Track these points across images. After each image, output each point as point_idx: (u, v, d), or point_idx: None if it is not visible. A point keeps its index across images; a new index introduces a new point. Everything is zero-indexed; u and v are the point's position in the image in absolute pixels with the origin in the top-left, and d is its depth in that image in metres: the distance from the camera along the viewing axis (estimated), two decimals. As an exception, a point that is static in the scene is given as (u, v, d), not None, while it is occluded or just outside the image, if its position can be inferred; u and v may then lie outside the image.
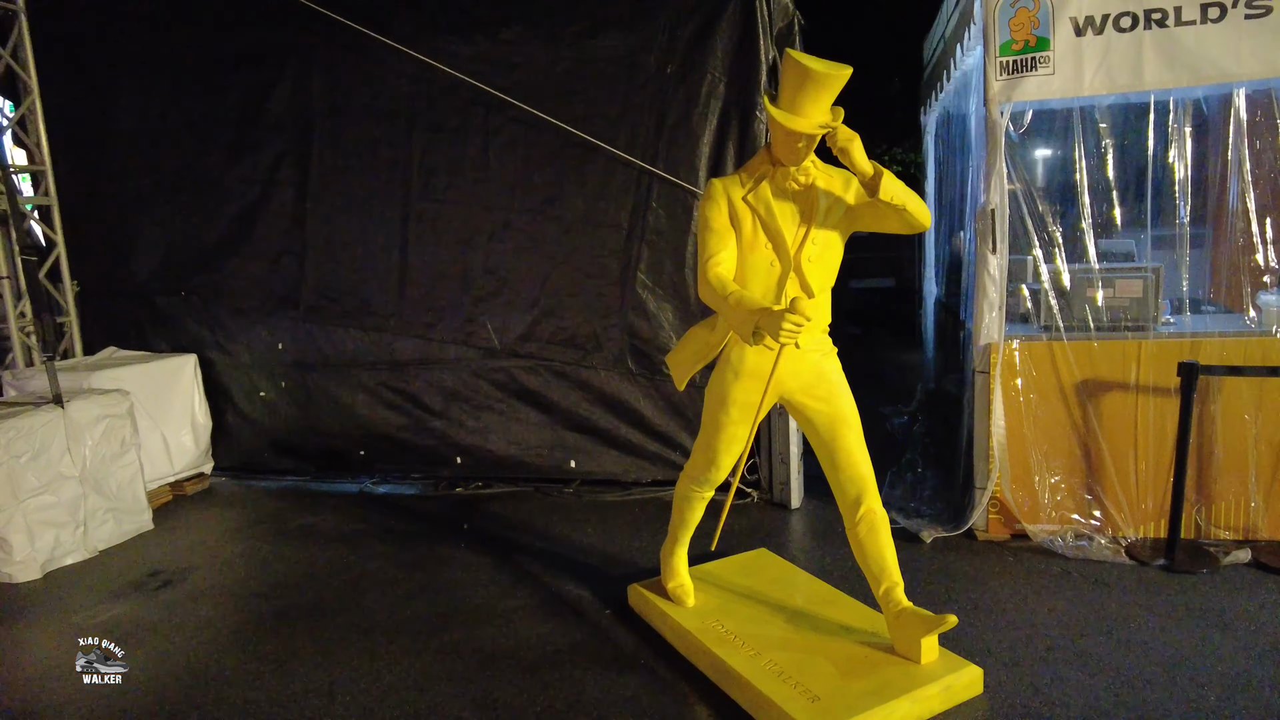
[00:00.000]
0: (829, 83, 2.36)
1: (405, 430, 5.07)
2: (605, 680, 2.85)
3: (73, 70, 5.18)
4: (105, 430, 4.25)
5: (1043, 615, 3.14)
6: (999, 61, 3.63)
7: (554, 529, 4.30)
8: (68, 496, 4.05)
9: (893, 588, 2.74)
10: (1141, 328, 3.67)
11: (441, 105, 4.67)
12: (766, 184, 2.60)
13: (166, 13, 5.01)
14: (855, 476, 2.72)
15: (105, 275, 5.36)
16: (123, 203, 5.23)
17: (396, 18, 4.61)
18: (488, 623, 3.31)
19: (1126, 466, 3.71)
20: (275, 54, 4.86)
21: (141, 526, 4.45)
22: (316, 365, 5.16)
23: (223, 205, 5.10)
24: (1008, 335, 3.76)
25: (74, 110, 5.23)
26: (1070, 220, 3.70)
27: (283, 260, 5.11)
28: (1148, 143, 3.58)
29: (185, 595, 3.68)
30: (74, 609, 3.60)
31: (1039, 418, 3.75)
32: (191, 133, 5.05)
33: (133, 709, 2.80)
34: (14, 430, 3.85)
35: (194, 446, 5.13)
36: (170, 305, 5.27)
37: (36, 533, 3.92)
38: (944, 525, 3.95)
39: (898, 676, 2.62)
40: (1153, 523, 3.71)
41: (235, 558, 4.11)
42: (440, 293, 4.87)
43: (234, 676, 2.98)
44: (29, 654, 3.26)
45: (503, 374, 4.85)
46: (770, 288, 2.61)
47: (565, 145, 4.50)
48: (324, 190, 4.97)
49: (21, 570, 3.88)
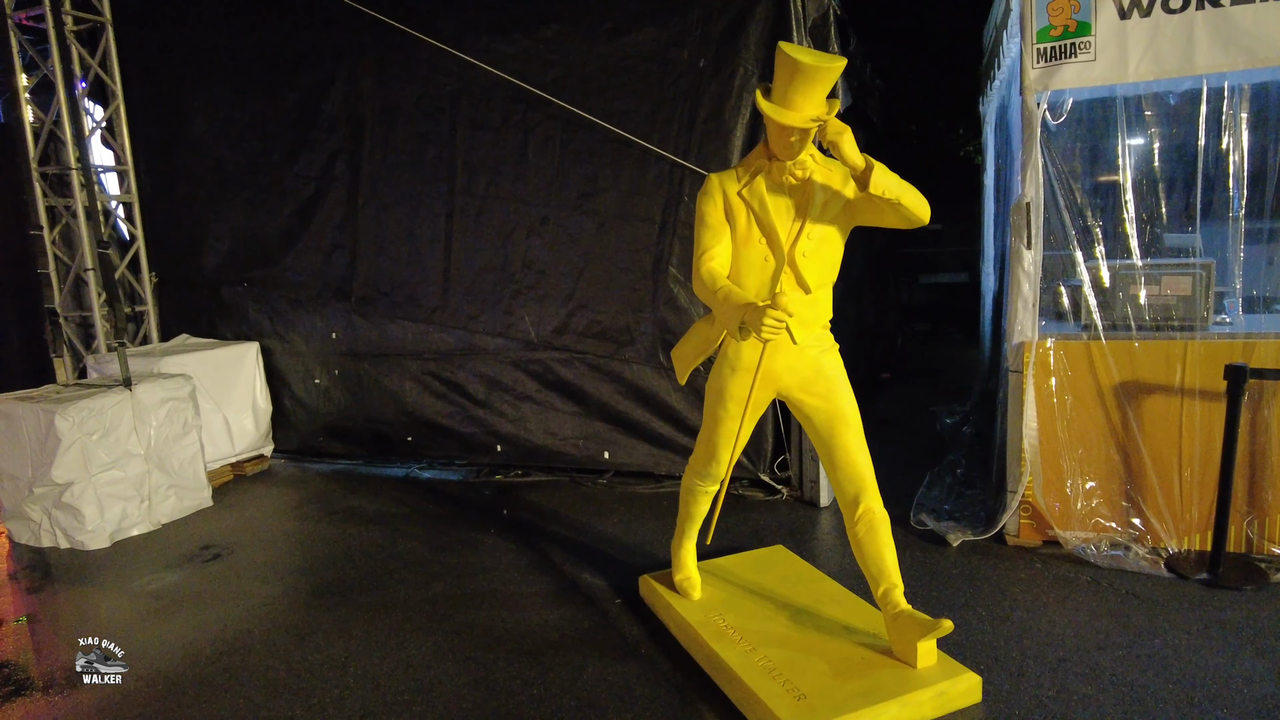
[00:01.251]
0: (820, 75, 2.33)
1: (450, 418, 5.24)
2: (603, 668, 2.90)
3: (152, 76, 5.56)
4: (169, 412, 4.57)
5: (1062, 625, 3.02)
6: (1036, 48, 3.48)
7: (582, 518, 4.37)
8: (134, 473, 4.37)
9: (891, 589, 2.69)
10: (1190, 327, 3.46)
11: (483, 103, 4.80)
12: (762, 178, 2.58)
13: (234, 20, 5.31)
14: (854, 475, 2.68)
15: (179, 267, 5.73)
16: (193, 199, 5.58)
17: (441, 18, 4.76)
18: (501, 606, 3.41)
19: (1170, 474, 3.51)
20: (329, 56, 5.08)
21: (201, 503, 4.76)
22: (367, 354, 5.39)
23: (282, 201, 5.37)
24: (1043, 333, 3.62)
25: (153, 113, 5.61)
26: (1112, 214, 3.52)
27: (336, 254, 5.36)
28: (1199, 131, 3.36)
29: (230, 568, 3.93)
30: (133, 575, 3.89)
31: (1074, 420, 3.59)
32: (254, 133, 5.34)
33: (166, 669, 3.02)
34: (86, 410, 4.18)
35: (254, 429, 5.44)
36: (234, 295, 5.60)
37: (105, 505, 4.25)
38: (974, 529, 3.83)
39: (890, 680, 2.57)
40: (1198, 534, 3.50)
41: (280, 536, 4.35)
42: (482, 286, 5.01)
43: (258, 645, 3.17)
44: (93, 613, 3.55)
45: (540, 365, 4.96)
46: (765, 283, 2.60)
47: (601, 141, 4.55)
48: (374, 187, 5.18)
49: (92, 538, 4.21)
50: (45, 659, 3.15)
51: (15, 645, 3.28)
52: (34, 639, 3.33)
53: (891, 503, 4.25)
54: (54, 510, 4.20)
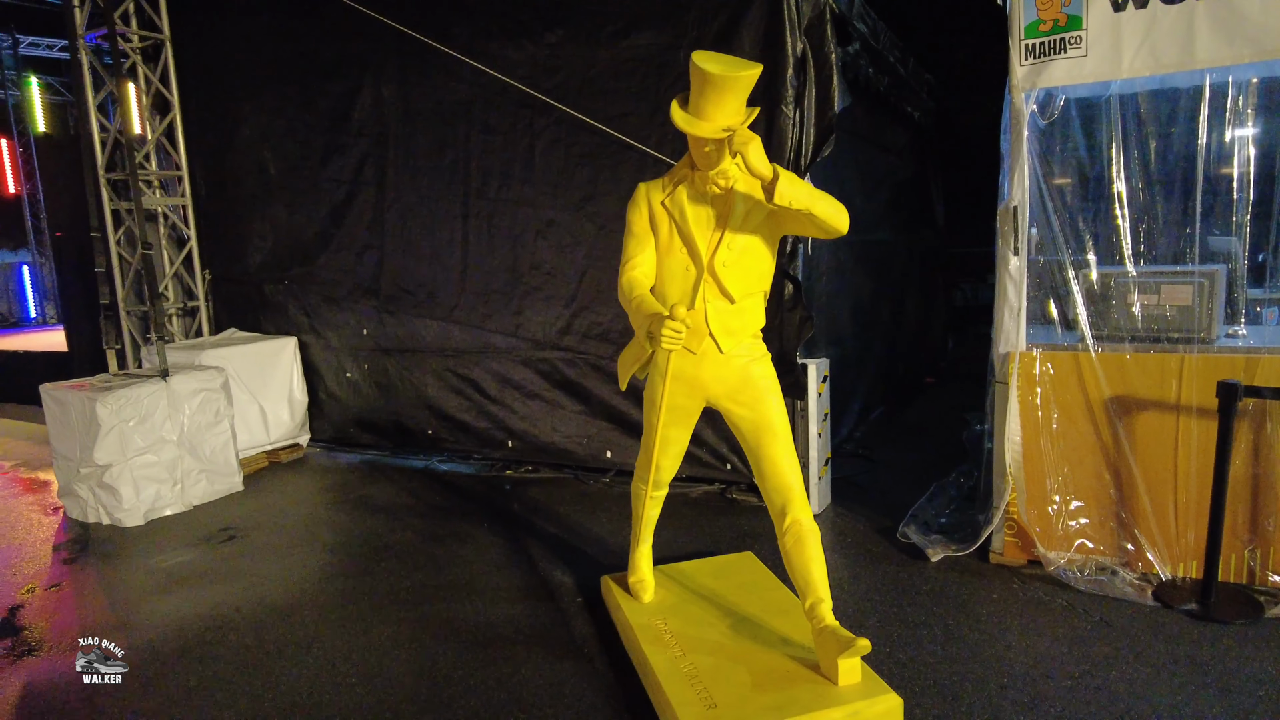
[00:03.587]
0: (730, 85, 2.32)
1: (466, 412, 5.42)
2: (543, 664, 2.98)
3: (205, 88, 5.96)
4: (202, 401, 4.92)
5: (1017, 650, 2.89)
6: (1023, 44, 3.33)
7: (574, 516, 4.46)
8: (167, 457, 4.73)
9: (818, 603, 2.64)
10: (1188, 339, 3.24)
11: (494, 109, 4.93)
12: (684, 188, 2.58)
13: (275, 34, 5.63)
14: (780, 486, 2.65)
15: (228, 265, 6.14)
16: (240, 202, 5.96)
17: (455, 25, 4.91)
18: (468, 599, 3.53)
19: (1164, 496, 3.29)
20: (356, 65, 5.33)
21: (232, 487, 5.10)
22: (393, 350, 5.64)
23: (316, 204, 5.68)
24: (1030, 343, 3.45)
25: (205, 122, 6.02)
26: (1105, 218, 3.32)
27: (366, 254, 5.62)
28: (1199, 129, 3.13)
29: (239, 550, 4.21)
30: (155, 552, 4.23)
31: (1061, 435, 3.42)
32: (292, 139, 5.66)
33: (154, 639, 3.28)
34: (124, 398, 4.56)
35: (289, 419, 5.78)
36: (275, 292, 5.96)
37: (141, 486, 4.62)
38: (956, 544, 3.70)
39: (806, 695, 2.53)
40: (1194, 561, 3.27)
41: (293, 521, 4.62)
42: (494, 286, 5.16)
43: (241, 623, 3.40)
44: (110, 585, 3.88)
45: (547, 365, 5.07)
46: (686, 292, 2.60)
47: (602, 144, 4.61)
48: (399, 190, 5.40)
49: (129, 516, 4.60)
50: (55, 625, 3.48)
51: (35, 611, 3.63)
52: (53, 606, 3.68)
53: (893, 513, 4.19)
54: (97, 489, 4.61)
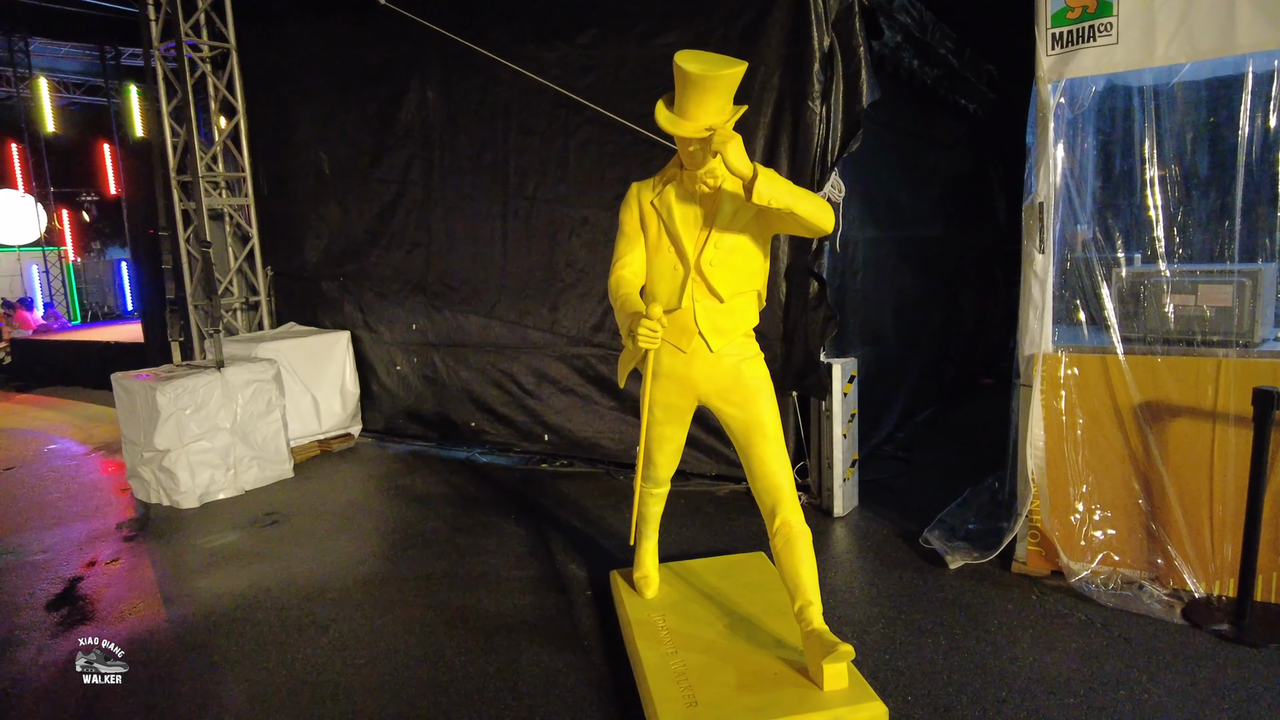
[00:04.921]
0: (712, 84, 2.31)
1: (505, 406, 5.55)
2: (543, 655, 3.04)
3: (267, 93, 6.26)
4: (254, 392, 5.18)
5: (1023, 664, 2.79)
6: (1050, 34, 3.18)
7: (599, 511, 4.51)
8: (221, 444, 5.01)
9: (806, 606, 2.61)
10: (1227, 343, 3.04)
11: (531, 109, 5.02)
12: (672, 187, 2.59)
13: (329, 40, 5.86)
14: (770, 487, 2.63)
15: (288, 262, 6.43)
16: (297, 201, 6.24)
17: (493, 29, 5.02)
18: (482, 588, 3.63)
19: (1199, 508, 3.11)
20: (402, 68, 5.51)
21: (282, 474, 5.36)
22: (440, 344, 5.81)
23: (368, 203, 5.89)
24: (1057, 345, 3.31)
25: (267, 125, 6.32)
26: (1138, 214, 3.16)
27: (414, 251, 5.80)
28: (1239, 119, 2.94)
29: (279, 533, 4.43)
30: (203, 533, 4.49)
31: (1087, 441, 3.27)
32: (344, 140, 5.89)
33: (189, 614, 3.49)
34: (181, 388, 4.86)
35: (341, 410, 6.02)
36: (331, 288, 6.21)
37: (196, 471, 4.91)
38: (977, 552, 3.58)
39: (790, 698, 2.51)
40: (1231, 579, 3.08)
41: (334, 507, 4.82)
42: (531, 283, 5.26)
43: (268, 602, 3.58)
44: (160, 562, 4.15)
45: (580, 361, 5.14)
46: (674, 291, 2.61)
47: (633, 143, 4.64)
48: (443, 189, 5.56)
49: (185, 499, 4.89)
50: (106, 598, 3.74)
51: (92, 584, 3.91)
52: (108, 580, 3.95)
53: (921, 518, 4.08)
54: (158, 472, 4.92)
